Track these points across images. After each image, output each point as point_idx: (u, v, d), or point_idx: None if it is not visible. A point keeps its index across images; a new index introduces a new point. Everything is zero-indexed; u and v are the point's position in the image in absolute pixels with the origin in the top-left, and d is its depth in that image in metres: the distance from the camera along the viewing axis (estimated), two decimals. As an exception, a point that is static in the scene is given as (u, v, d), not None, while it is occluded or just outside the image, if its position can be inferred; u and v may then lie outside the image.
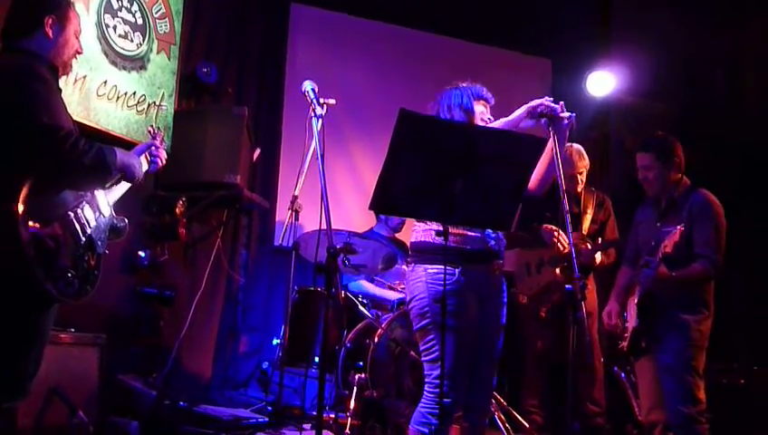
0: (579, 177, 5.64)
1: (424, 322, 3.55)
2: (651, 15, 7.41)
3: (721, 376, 5.67)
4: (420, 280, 3.57)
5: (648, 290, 4.39)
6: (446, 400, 3.39)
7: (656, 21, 7.28)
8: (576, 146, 5.61)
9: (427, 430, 3.42)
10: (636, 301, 4.50)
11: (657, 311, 4.40)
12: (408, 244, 3.76)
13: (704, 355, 4.36)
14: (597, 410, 5.75)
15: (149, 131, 3.97)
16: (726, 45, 7.29)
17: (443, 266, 3.40)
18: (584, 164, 5.66)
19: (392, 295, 6.09)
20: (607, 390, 5.91)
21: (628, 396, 5.79)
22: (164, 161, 3.73)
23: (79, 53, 3.43)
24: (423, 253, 3.61)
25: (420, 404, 3.52)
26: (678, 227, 4.22)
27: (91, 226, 3.23)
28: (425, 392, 3.51)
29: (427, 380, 3.52)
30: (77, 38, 3.38)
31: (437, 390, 3.38)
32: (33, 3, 3.32)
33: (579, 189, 5.68)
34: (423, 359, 3.57)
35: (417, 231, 3.70)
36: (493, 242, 3.66)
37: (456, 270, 3.53)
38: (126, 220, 3.48)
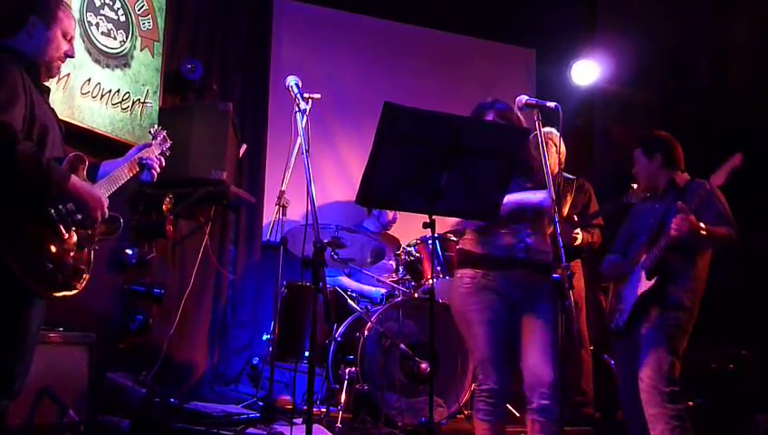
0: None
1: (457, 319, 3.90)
2: (635, 4, 7.43)
3: (710, 361, 5.69)
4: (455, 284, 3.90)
5: (663, 253, 4.34)
6: (482, 386, 3.71)
7: (640, 9, 7.30)
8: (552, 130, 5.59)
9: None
10: (625, 286, 4.52)
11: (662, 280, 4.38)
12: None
13: (686, 339, 4.32)
14: (583, 399, 5.78)
15: (151, 132, 3.93)
16: (710, 33, 7.32)
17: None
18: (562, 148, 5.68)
19: (368, 289, 6.11)
20: (596, 378, 5.93)
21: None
22: (159, 170, 3.72)
23: (69, 56, 3.39)
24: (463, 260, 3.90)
25: None
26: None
27: (77, 221, 3.17)
28: None
29: None
30: (67, 40, 3.34)
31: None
32: (19, 3, 3.32)
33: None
34: None
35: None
36: (522, 254, 3.73)
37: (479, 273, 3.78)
38: (120, 218, 3.44)
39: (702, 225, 4.18)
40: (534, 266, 3.77)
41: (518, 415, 5.56)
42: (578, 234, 5.62)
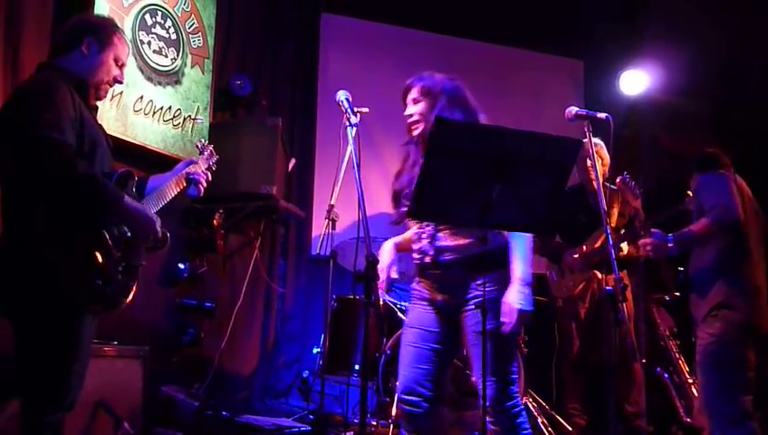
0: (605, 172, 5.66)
1: None
2: (684, 12, 7.36)
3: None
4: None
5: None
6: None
7: (689, 18, 7.22)
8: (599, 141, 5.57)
9: None
10: None
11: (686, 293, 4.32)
12: None
13: (739, 349, 4.07)
14: (636, 411, 5.70)
15: (198, 146, 4.00)
16: (762, 40, 7.22)
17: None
18: (607, 159, 5.67)
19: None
20: (650, 391, 5.86)
21: (671, 397, 5.75)
22: (206, 185, 3.77)
23: (118, 82, 3.45)
24: None
25: None
26: None
27: (126, 237, 3.21)
28: None
29: None
30: (118, 66, 3.41)
31: None
32: (77, 24, 3.42)
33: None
34: None
35: None
36: (431, 256, 3.65)
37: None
38: (167, 233, 3.49)
39: (669, 240, 4.13)
40: (455, 266, 3.62)
41: (569, 428, 5.52)
42: (622, 250, 5.56)
